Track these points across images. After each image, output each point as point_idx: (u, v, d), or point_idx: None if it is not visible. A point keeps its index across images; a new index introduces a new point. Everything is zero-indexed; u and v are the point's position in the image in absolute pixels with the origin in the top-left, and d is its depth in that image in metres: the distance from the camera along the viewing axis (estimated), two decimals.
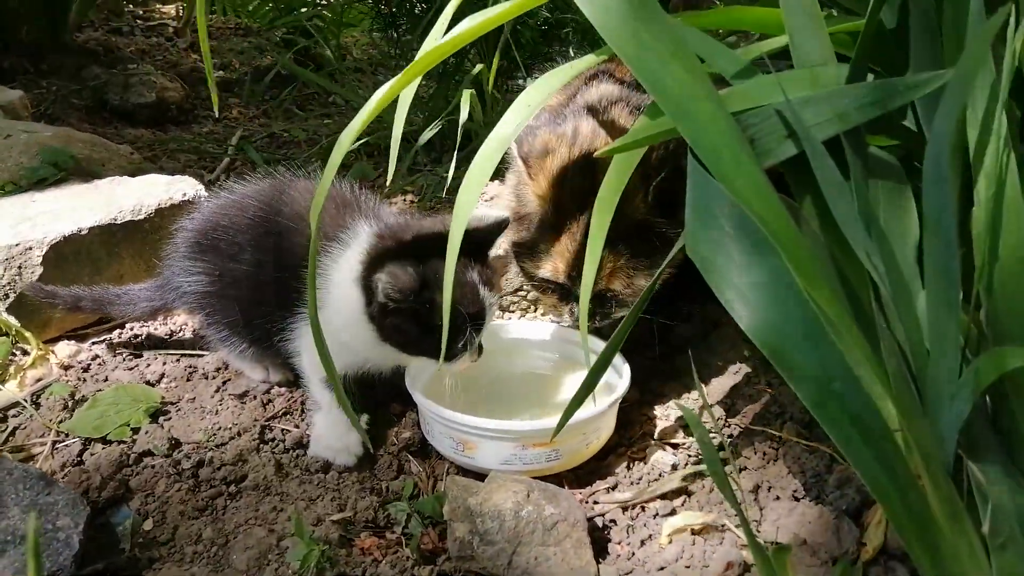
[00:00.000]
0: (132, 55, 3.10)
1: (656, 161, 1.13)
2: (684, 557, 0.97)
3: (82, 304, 1.38)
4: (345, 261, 1.13)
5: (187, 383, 1.36)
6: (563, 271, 1.19)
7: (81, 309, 1.40)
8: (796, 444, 1.12)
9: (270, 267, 1.18)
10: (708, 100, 0.73)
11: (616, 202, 0.89)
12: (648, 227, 1.14)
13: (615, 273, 1.16)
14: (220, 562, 1.00)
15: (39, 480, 0.99)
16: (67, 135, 1.83)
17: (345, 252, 1.14)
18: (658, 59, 0.73)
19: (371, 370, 1.21)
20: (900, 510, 0.69)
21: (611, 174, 0.90)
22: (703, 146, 0.71)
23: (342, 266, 1.13)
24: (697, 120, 0.72)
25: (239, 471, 1.15)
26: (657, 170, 1.12)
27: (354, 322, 1.11)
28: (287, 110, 2.88)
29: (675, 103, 0.72)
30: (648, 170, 1.12)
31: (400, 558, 1.00)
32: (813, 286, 0.69)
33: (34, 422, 1.25)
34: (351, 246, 1.14)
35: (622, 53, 0.73)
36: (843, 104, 0.78)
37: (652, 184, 1.12)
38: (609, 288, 1.18)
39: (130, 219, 1.49)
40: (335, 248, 1.14)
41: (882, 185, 0.85)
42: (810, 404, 0.69)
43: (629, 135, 0.83)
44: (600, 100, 1.25)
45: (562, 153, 1.19)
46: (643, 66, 0.73)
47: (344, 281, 1.12)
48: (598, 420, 1.12)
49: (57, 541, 0.94)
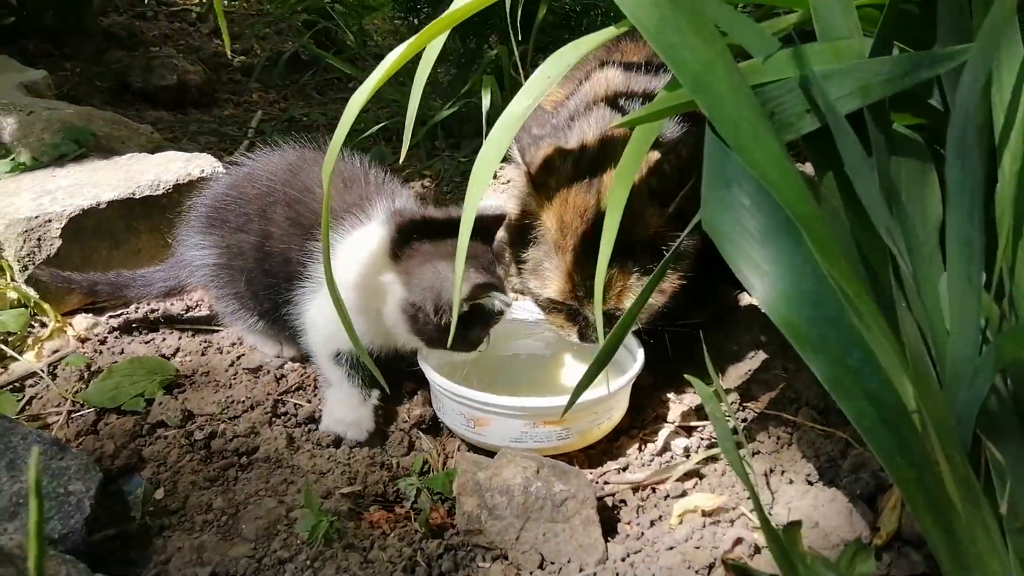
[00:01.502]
0: (155, 39, 3.13)
1: (671, 173, 1.10)
2: (694, 538, 0.96)
3: (98, 288, 1.39)
4: (360, 241, 1.13)
5: (202, 357, 1.37)
6: (569, 291, 1.15)
7: (97, 294, 1.40)
8: (811, 429, 1.11)
9: (277, 239, 1.18)
10: (727, 71, 0.71)
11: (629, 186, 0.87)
12: (658, 245, 1.11)
13: (625, 292, 1.12)
14: (229, 531, 1.00)
15: (52, 445, 1.00)
16: (88, 113, 1.84)
17: (357, 230, 1.13)
18: (676, 30, 0.72)
19: (373, 349, 1.20)
20: (915, 490, 0.68)
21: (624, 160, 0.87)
22: (721, 118, 0.70)
23: (357, 245, 1.13)
24: (715, 91, 0.71)
25: (251, 443, 1.15)
26: (674, 182, 1.09)
27: (374, 308, 1.11)
28: (307, 94, 2.89)
29: (693, 75, 0.71)
30: (662, 183, 1.09)
31: (408, 531, 1.00)
32: (831, 261, 0.68)
33: (50, 392, 1.27)
34: (365, 224, 1.13)
35: (639, 23, 0.72)
36: (866, 77, 0.76)
37: (673, 197, 1.08)
38: (619, 307, 1.13)
39: (148, 194, 1.50)
40: (344, 224, 1.14)
41: (905, 163, 0.83)
42: (824, 380, 0.68)
43: (647, 108, 0.82)
44: (605, 93, 1.22)
45: (567, 170, 1.14)
46: (661, 37, 0.72)
47: (361, 262, 1.11)
48: (609, 400, 1.11)
49: (69, 505, 0.94)
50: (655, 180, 1.09)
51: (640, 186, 1.08)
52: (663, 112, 0.83)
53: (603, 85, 1.23)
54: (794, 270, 0.70)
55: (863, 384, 0.68)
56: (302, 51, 2.98)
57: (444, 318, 1.06)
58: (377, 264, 1.11)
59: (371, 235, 1.13)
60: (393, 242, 1.10)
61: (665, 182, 1.09)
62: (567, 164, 1.14)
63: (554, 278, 1.15)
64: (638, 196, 1.08)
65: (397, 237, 1.11)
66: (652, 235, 1.09)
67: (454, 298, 0.92)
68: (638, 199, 1.08)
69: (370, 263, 1.12)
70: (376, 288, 1.11)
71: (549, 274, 1.15)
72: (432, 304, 1.07)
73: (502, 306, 1.09)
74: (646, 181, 1.09)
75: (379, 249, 1.12)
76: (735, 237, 0.72)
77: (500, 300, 1.08)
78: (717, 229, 0.72)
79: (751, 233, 0.72)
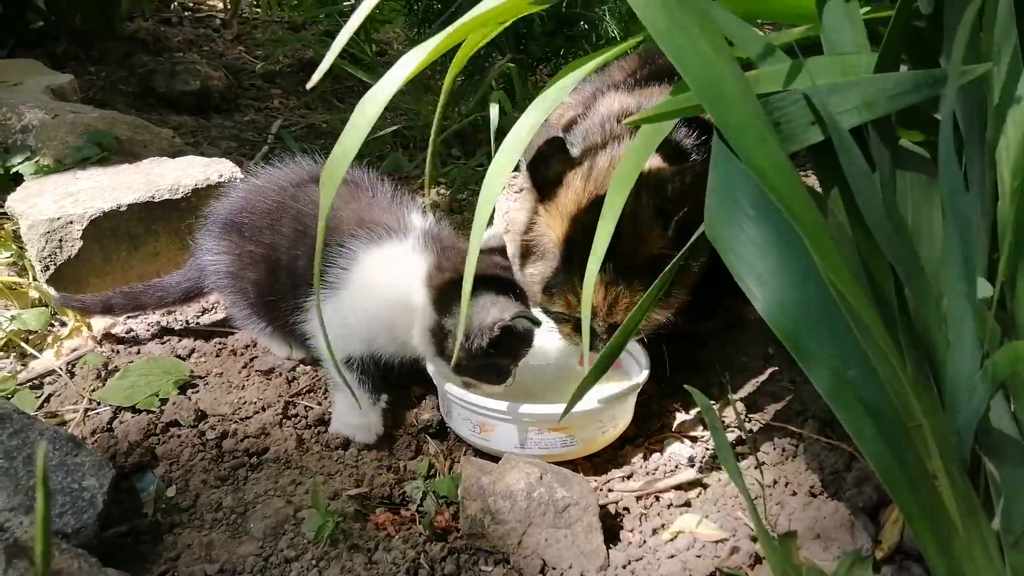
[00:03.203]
0: (179, 44, 3.18)
1: (673, 194, 1.10)
2: (696, 546, 0.97)
3: (114, 304, 1.39)
4: (389, 256, 1.15)
5: (216, 358, 1.39)
6: (576, 305, 1.15)
7: (114, 310, 1.40)
8: (816, 441, 1.11)
9: (286, 249, 1.20)
10: (734, 79, 0.72)
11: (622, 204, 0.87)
12: (664, 262, 1.12)
13: (631, 308, 1.12)
14: (238, 529, 1.02)
15: (68, 442, 1.02)
16: (112, 117, 1.88)
17: (384, 244, 1.15)
18: (687, 35, 0.72)
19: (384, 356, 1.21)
20: (912, 503, 0.68)
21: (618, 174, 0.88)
22: (728, 125, 0.71)
23: (384, 260, 1.15)
24: (723, 98, 0.71)
25: (261, 444, 1.17)
26: (675, 203, 1.09)
27: (400, 323, 1.14)
28: (327, 101, 2.92)
29: (702, 80, 0.72)
30: (664, 204, 1.10)
31: (413, 534, 1.02)
32: (834, 272, 0.68)
33: (68, 390, 1.29)
34: (390, 239, 1.16)
35: (651, 27, 0.73)
36: (870, 92, 0.77)
37: (672, 218, 1.09)
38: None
39: (168, 197, 1.53)
40: (368, 235, 1.16)
41: (912, 178, 0.83)
42: (824, 391, 0.69)
43: (656, 107, 0.83)
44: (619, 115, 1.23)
45: (576, 187, 1.15)
46: (671, 41, 0.72)
47: (391, 279, 1.13)
48: (615, 408, 1.12)
49: (82, 500, 0.97)
50: (660, 201, 1.10)
51: (645, 207, 1.10)
52: (670, 114, 0.83)
53: (612, 103, 1.25)
54: (796, 281, 0.71)
55: (862, 397, 0.69)
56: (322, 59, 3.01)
57: (475, 343, 1.08)
58: (409, 285, 1.13)
59: (403, 255, 1.15)
60: (430, 269, 1.12)
61: (670, 203, 1.10)
62: (576, 181, 1.15)
63: (560, 294, 1.16)
64: (643, 217, 1.10)
65: (435, 264, 1.13)
66: (657, 255, 1.10)
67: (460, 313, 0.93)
68: (643, 220, 1.10)
69: (401, 282, 1.13)
70: (405, 307, 1.13)
71: (556, 290, 1.17)
72: (464, 330, 1.09)
73: (531, 331, 1.12)
74: (652, 202, 1.11)
75: (413, 272, 1.13)
76: (738, 246, 0.73)
77: (529, 324, 1.10)
78: (721, 238, 0.73)
79: (754, 243, 0.72)
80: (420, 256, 1.14)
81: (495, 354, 1.10)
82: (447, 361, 1.12)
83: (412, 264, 1.14)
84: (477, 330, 1.07)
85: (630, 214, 1.07)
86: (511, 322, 1.06)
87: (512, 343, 1.11)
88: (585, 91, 1.37)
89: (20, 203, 1.50)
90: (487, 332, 1.07)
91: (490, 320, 1.07)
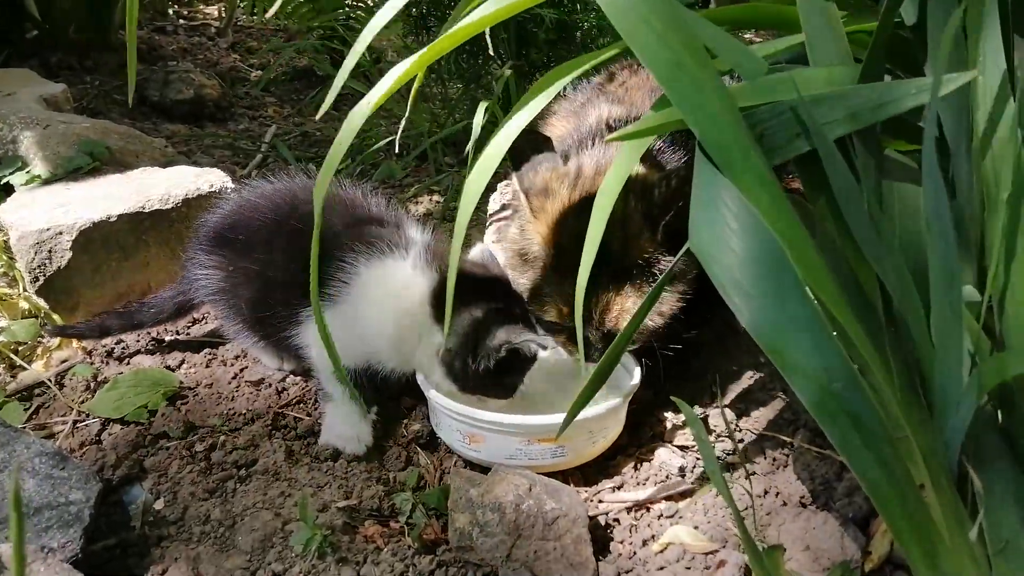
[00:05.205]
0: (174, 53, 3.18)
1: (660, 199, 1.10)
2: (685, 558, 0.96)
3: (108, 325, 1.38)
4: (392, 274, 1.15)
5: (206, 369, 1.39)
6: (568, 314, 1.16)
7: (109, 331, 1.39)
8: (808, 451, 1.11)
9: (280, 264, 1.20)
10: (717, 93, 0.72)
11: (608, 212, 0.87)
12: (654, 267, 1.12)
13: (623, 314, 1.13)
14: (226, 543, 1.02)
15: (55, 455, 1.02)
16: (104, 127, 1.88)
17: (385, 260, 1.16)
18: (669, 48, 0.73)
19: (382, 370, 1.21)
20: (898, 514, 0.68)
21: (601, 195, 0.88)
22: (710, 139, 0.71)
23: (387, 277, 1.15)
24: (705, 112, 0.72)
25: (250, 456, 1.16)
26: (662, 207, 1.10)
27: (404, 340, 1.15)
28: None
29: (684, 94, 0.72)
30: (652, 209, 1.10)
31: (401, 546, 1.01)
32: (818, 284, 0.68)
33: (57, 401, 1.29)
34: (391, 255, 1.16)
35: (632, 41, 0.73)
36: (855, 103, 0.77)
37: (659, 223, 1.09)
38: (618, 328, 1.14)
39: (158, 208, 1.52)
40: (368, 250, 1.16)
41: (899, 189, 0.83)
42: (808, 403, 0.68)
43: (639, 123, 0.83)
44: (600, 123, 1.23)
45: (563, 195, 1.15)
46: (653, 55, 0.72)
47: (395, 298, 1.14)
48: (605, 419, 1.12)
49: (69, 514, 0.96)
50: (648, 206, 1.10)
51: (634, 212, 1.10)
52: (652, 130, 0.84)
53: (600, 114, 1.25)
54: (779, 293, 0.71)
55: (847, 408, 0.69)
56: (317, 67, 3.01)
57: (482, 364, 1.10)
58: (413, 305, 1.14)
59: (405, 273, 1.15)
60: (435, 292, 1.13)
61: (657, 209, 1.10)
62: (564, 189, 1.15)
63: (552, 302, 1.16)
64: (632, 222, 1.09)
65: (439, 287, 1.13)
66: (646, 259, 1.10)
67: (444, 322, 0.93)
68: (632, 225, 1.10)
69: (405, 301, 1.14)
70: (409, 326, 1.14)
71: (547, 298, 1.17)
72: (471, 351, 1.10)
73: (538, 350, 1.13)
74: (639, 207, 1.10)
75: (417, 293, 1.14)
76: (722, 258, 0.72)
77: (536, 345, 1.11)
78: (704, 251, 0.73)
79: (737, 255, 0.72)
80: (424, 280, 1.15)
81: (502, 374, 1.11)
82: (455, 381, 1.13)
83: (415, 286, 1.14)
84: (484, 352, 1.09)
85: (618, 219, 1.07)
86: (519, 344, 1.08)
87: (518, 363, 1.13)
88: (575, 100, 1.37)
89: (10, 214, 1.49)
90: (494, 354, 1.08)
91: (496, 342, 1.08)
